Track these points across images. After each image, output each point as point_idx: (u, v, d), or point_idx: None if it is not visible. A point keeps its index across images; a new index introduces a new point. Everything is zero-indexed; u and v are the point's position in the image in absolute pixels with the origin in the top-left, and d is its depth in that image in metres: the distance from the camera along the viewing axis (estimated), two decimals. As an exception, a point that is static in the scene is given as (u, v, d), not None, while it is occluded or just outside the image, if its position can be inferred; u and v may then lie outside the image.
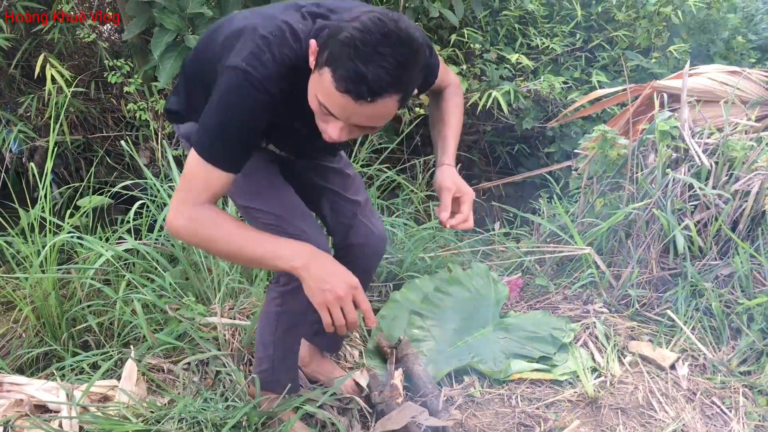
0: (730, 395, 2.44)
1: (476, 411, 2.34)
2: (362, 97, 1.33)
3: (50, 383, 2.21)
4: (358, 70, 1.30)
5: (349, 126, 1.44)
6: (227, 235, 1.53)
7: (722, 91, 3.33)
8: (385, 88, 1.33)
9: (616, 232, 3.11)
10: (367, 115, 1.38)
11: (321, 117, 1.47)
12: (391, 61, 1.31)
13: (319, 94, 1.40)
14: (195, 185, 1.56)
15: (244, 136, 1.54)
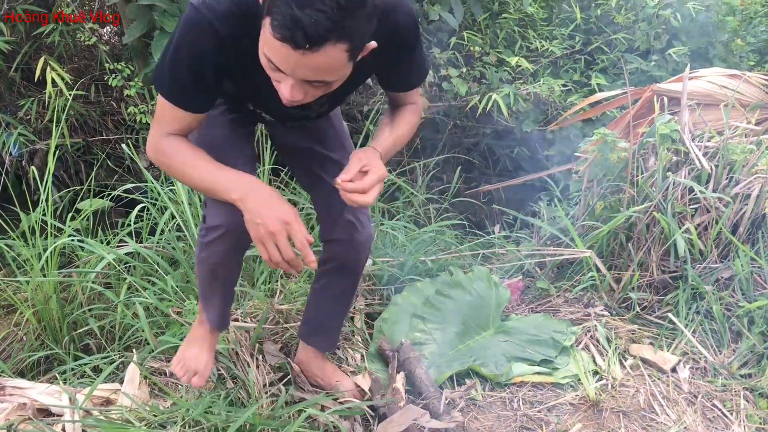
0: (731, 398, 2.44)
1: (478, 414, 2.34)
2: (300, 45, 1.24)
3: (53, 387, 2.22)
4: (294, 15, 1.21)
5: (299, 82, 1.36)
6: (181, 164, 1.58)
7: (722, 94, 3.34)
8: (324, 35, 1.23)
9: (617, 235, 3.11)
10: (311, 66, 1.29)
11: (272, 76, 1.39)
12: (330, 4, 1.21)
13: (264, 47, 1.33)
14: (161, 118, 1.59)
15: (195, 77, 1.50)
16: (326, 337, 2.32)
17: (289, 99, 1.39)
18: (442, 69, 4.68)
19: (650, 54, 5.04)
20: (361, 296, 2.85)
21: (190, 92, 1.54)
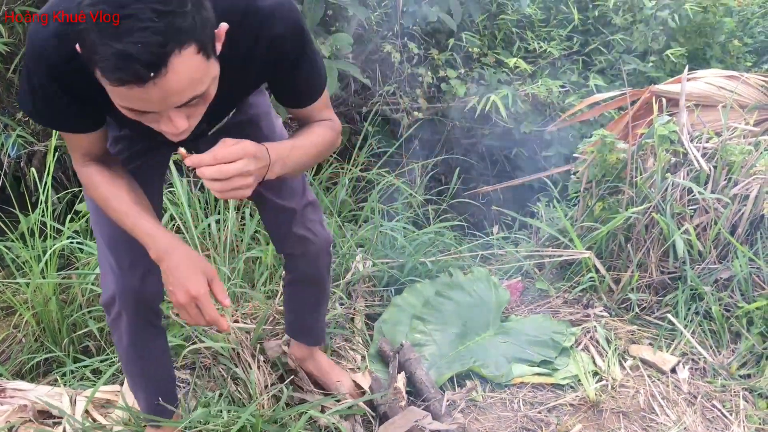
0: (730, 398, 2.45)
1: (479, 415, 2.35)
2: (145, 77, 1.05)
3: (54, 389, 2.22)
4: (117, 52, 1.02)
5: (175, 111, 1.17)
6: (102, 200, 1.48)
7: (720, 95, 3.34)
8: (161, 52, 1.04)
9: (616, 236, 3.12)
10: (173, 89, 1.10)
11: (145, 120, 1.20)
12: (145, 16, 1.01)
13: (117, 100, 1.14)
14: (66, 141, 1.47)
15: (54, 104, 1.33)
16: (311, 335, 2.31)
17: (177, 132, 1.21)
18: (441, 70, 4.68)
19: (648, 55, 5.05)
20: (361, 297, 2.86)
21: (59, 116, 1.37)
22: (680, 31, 5.00)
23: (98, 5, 1.02)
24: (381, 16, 5.05)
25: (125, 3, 1.01)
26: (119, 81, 1.06)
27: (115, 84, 1.07)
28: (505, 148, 5.32)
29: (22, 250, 2.88)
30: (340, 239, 3.17)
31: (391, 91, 4.65)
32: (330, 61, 3.82)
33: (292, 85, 1.52)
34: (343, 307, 2.77)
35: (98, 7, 1.02)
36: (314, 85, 1.55)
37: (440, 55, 4.73)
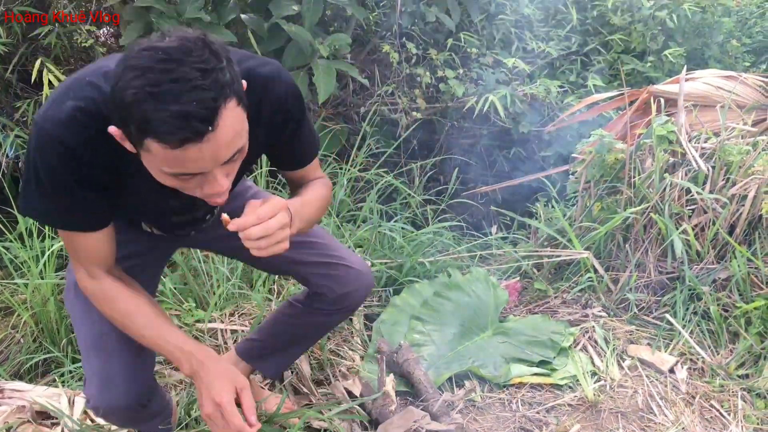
0: (728, 398, 2.45)
1: (477, 415, 2.35)
2: (201, 133, 1.10)
3: (52, 389, 2.22)
4: (175, 112, 1.07)
5: (221, 168, 1.21)
6: (121, 316, 1.47)
7: (719, 95, 3.35)
8: (214, 106, 1.10)
9: (614, 236, 3.12)
10: (223, 143, 1.15)
11: (186, 185, 1.23)
12: (193, 76, 1.08)
13: (166, 168, 1.16)
14: (71, 251, 1.45)
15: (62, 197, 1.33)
16: (277, 366, 2.12)
17: (221, 191, 1.24)
18: (439, 70, 4.69)
19: (646, 55, 5.05)
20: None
21: (68, 211, 1.37)
22: (678, 31, 5.01)
23: (146, 75, 1.07)
24: (379, 16, 5.06)
25: (170, 68, 1.07)
26: (181, 141, 1.09)
27: (176, 145, 1.10)
28: (504, 148, 5.33)
29: (21, 250, 2.87)
30: (339, 239, 3.17)
31: (389, 91, 4.65)
32: (328, 61, 3.83)
33: (297, 145, 1.58)
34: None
35: (146, 78, 1.07)
36: (313, 145, 1.64)
37: (439, 55, 4.73)
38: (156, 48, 1.09)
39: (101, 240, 1.43)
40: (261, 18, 3.93)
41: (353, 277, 1.87)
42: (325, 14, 4.59)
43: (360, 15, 4.16)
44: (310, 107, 4.50)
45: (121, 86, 1.09)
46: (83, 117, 1.24)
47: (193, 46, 1.10)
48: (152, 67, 1.07)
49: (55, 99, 1.27)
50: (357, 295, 1.91)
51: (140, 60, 1.08)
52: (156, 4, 3.56)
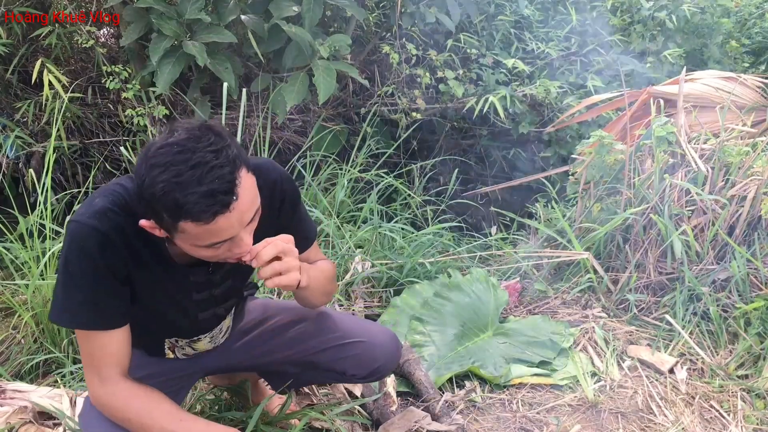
0: (728, 399, 2.46)
1: (478, 416, 2.35)
2: (228, 204, 1.26)
3: (54, 390, 2.22)
4: (203, 192, 1.23)
5: (245, 230, 1.35)
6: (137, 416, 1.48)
7: (718, 96, 3.36)
8: (233, 180, 1.26)
9: (614, 237, 3.13)
10: (244, 207, 1.31)
11: (221, 252, 1.36)
12: (208, 158, 1.24)
13: (200, 242, 1.31)
14: (90, 358, 1.49)
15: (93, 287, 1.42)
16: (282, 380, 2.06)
17: (248, 249, 1.38)
18: (439, 71, 4.70)
19: (645, 56, 5.06)
20: (359, 298, 2.86)
21: (96, 306, 1.44)
22: (678, 31, 5.02)
23: (169, 169, 1.23)
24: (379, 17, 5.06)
25: (187, 158, 1.23)
26: (213, 215, 1.25)
27: (209, 219, 1.25)
28: (503, 148, 5.34)
29: (21, 251, 2.88)
30: (339, 240, 3.17)
31: (389, 92, 4.66)
32: (328, 62, 3.83)
33: (298, 227, 1.68)
34: (342, 308, 2.77)
35: (169, 171, 1.23)
36: (311, 227, 1.78)
37: (438, 56, 4.74)
38: (170, 144, 1.25)
39: (119, 340, 1.50)
40: (261, 19, 3.93)
41: (378, 353, 1.86)
42: (325, 15, 4.60)
43: (360, 16, 4.16)
44: (309, 107, 4.51)
45: (149, 183, 1.25)
46: (113, 207, 1.40)
47: (200, 134, 1.27)
48: (172, 160, 1.23)
49: (86, 203, 1.43)
50: (386, 367, 1.91)
51: (159, 158, 1.24)
52: (156, 4, 3.56)
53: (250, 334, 1.92)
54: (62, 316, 1.46)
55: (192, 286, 1.58)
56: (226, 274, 1.62)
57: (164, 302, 1.58)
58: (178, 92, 4.13)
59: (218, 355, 1.88)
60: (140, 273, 1.48)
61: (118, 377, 1.50)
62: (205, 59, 3.56)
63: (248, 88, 3.87)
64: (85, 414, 1.62)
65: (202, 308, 1.63)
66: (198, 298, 1.60)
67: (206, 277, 1.58)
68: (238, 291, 1.72)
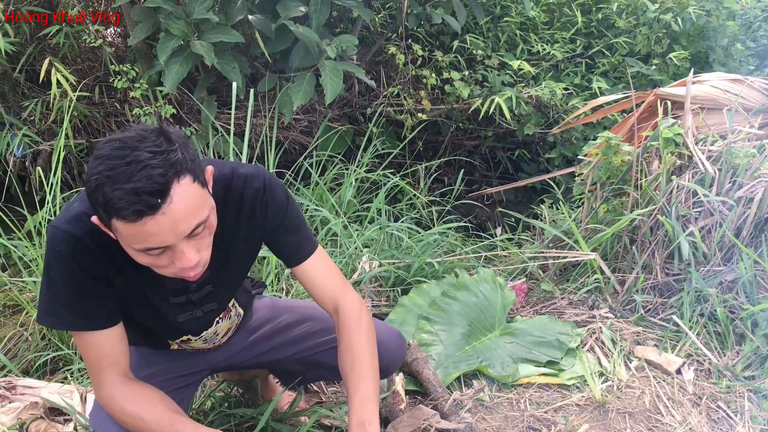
0: (735, 399, 2.46)
1: (486, 415, 2.36)
2: (155, 205, 1.20)
3: (64, 386, 2.23)
4: (128, 190, 1.18)
5: (186, 242, 1.29)
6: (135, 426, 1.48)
7: (725, 98, 3.36)
8: (163, 181, 1.21)
9: (621, 238, 3.14)
10: (180, 215, 1.24)
11: (159, 262, 1.32)
12: (144, 157, 1.20)
13: (134, 245, 1.27)
14: (89, 360, 1.50)
15: (76, 289, 1.42)
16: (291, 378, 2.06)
17: (191, 265, 1.32)
18: (445, 72, 4.71)
19: (651, 58, 5.07)
20: (367, 297, 2.87)
21: (79, 309, 1.44)
22: (683, 34, 5.03)
23: (105, 162, 1.20)
24: (385, 18, 5.08)
25: (125, 154, 1.20)
26: (136, 213, 1.20)
27: (133, 219, 1.20)
28: (508, 149, 5.35)
29: (29, 248, 2.89)
30: (347, 239, 3.18)
31: (395, 93, 4.67)
32: (335, 63, 3.84)
33: (282, 239, 1.63)
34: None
35: (105, 164, 1.20)
36: (305, 239, 1.66)
37: (444, 57, 4.75)
38: (116, 139, 1.23)
39: (111, 339, 1.50)
40: (268, 19, 3.94)
41: (382, 353, 1.77)
42: (332, 16, 4.61)
43: (366, 17, 4.18)
44: (316, 108, 4.52)
45: (88, 175, 1.23)
46: (89, 211, 1.35)
47: (148, 135, 1.24)
48: (110, 154, 1.21)
49: (65, 207, 1.43)
50: (390, 367, 1.89)
51: (102, 150, 1.22)
52: (164, 4, 3.57)
53: (256, 333, 1.93)
54: (48, 319, 1.46)
55: (168, 292, 1.56)
56: (205, 281, 1.59)
57: (142, 306, 1.57)
58: (185, 92, 4.14)
59: (224, 353, 1.88)
60: (118, 277, 1.47)
61: (116, 377, 1.50)
62: (212, 59, 3.57)
63: (255, 88, 3.88)
64: (94, 413, 1.63)
65: (179, 311, 1.62)
66: (175, 302, 1.59)
67: (183, 284, 1.54)
68: (221, 297, 1.70)
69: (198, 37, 3.68)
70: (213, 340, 1.79)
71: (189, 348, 1.80)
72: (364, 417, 1.51)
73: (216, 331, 1.76)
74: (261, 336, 1.92)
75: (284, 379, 2.06)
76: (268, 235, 1.62)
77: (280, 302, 2.03)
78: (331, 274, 1.70)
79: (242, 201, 1.53)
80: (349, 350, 1.61)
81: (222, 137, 3.80)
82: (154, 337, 1.74)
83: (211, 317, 1.71)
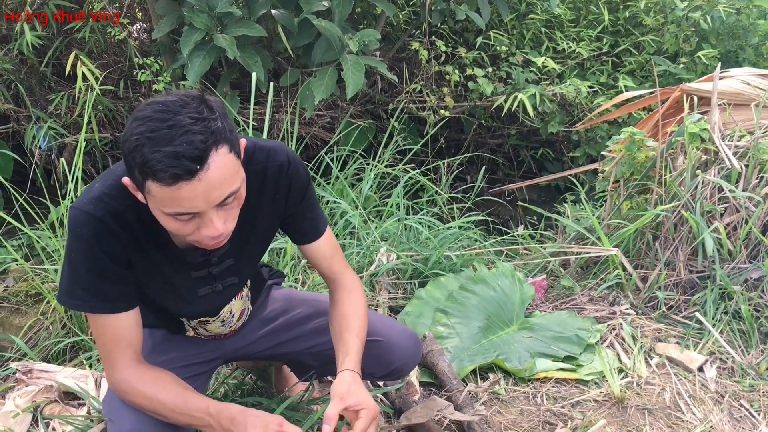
0: (758, 398, 2.40)
1: (501, 408, 2.32)
2: (193, 170, 1.22)
3: (79, 371, 2.24)
4: (168, 153, 1.20)
5: (215, 210, 1.31)
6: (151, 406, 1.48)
7: (754, 93, 3.29)
8: (203, 148, 1.23)
9: (644, 235, 3.09)
10: (214, 183, 1.26)
11: (185, 228, 1.33)
12: (186, 122, 1.22)
13: (165, 209, 1.28)
14: (103, 344, 1.50)
15: (98, 272, 1.43)
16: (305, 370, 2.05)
17: (220, 232, 1.33)
18: (468, 69, 4.68)
19: (679, 57, 5.00)
20: (384, 289, 2.85)
21: (99, 292, 1.45)
22: (712, 32, 4.95)
23: (146, 124, 1.22)
24: (409, 14, 5.06)
25: (167, 117, 1.22)
26: (173, 177, 1.21)
27: (170, 183, 1.22)
28: (531, 148, 5.31)
29: (51, 239, 2.91)
30: (365, 232, 3.17)
31: (417, 89, 4.65)
32: (357, 57, 3.83)
33: (303, 215, 1.67)
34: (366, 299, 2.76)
35: (146, 125, 1.22)
36: (321, 216, 1.73)
37: (468, 53, 4.72)
38: (157, 102, 1.25)
39: (127, 323, 1.50)
40: (291, 13, 3.95)
41: (395, 354, 1.83)
42: (355, 12, 4.61)
43: (389, 11, 4.16)
44: (338, 104, 4.52)
45: (127, 135, 1.24)
46: (110, 192, 1.39)
47: (190, 101, 1.26)
48: (152, 116, 1.23)
49: (87, 188, 1.43)
50: (404, 369, 1.89)
51: (143, 111, 1.24)
52: (188, -3, 3.59)
53: (271, 324, 1.92)
54: (69, 301, 1.47)
55: (190, 266, 1.57)
56: (225, 254, 1.60)
57: (162, 284, 1.58)
58: (208, 86, 4.16)
59: (238, 342, 1.88)
60: (138, 256, 1.48)
61: (129, 362, 1.50)
62: (235, 52, 3.59)
63: (277, 83, 3.88)
64: (107, 399, 1.63)
65: (200, 285, 1.62)
66: (197, 276, 1.59)
67: (204, 257, 1.56)
68: (241, 271, 1.71)
69: (221, 31, 3.70)
70: (229, 323, 1.80)
71: (204, 334, 1.80)
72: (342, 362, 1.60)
73: (231, 310, 1.77)
74: (275, 327, 1.91)
75: (298, 371, 2.05)
76: (290, 209, 1.63)
77: (297, 294, 2.02)
78: (337, 250, 1.77)
79: (265, 175, 1.53)
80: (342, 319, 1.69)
81: (243, 131, 3.81)
82: (171, 319, 1.75)
83: (231, 292, 1.72)
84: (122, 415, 1.54)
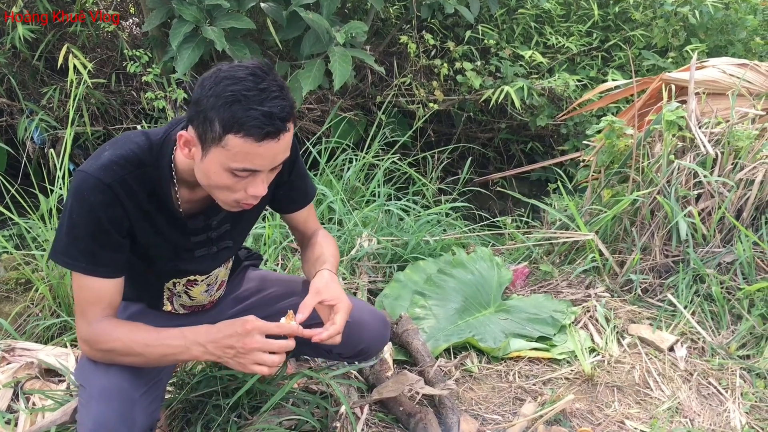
0: (727, 377, 2.45)
1: (473, 385, 2.37)
2: (278, 132, 1.37)
3: (60, 349, 2.30)
4: (264, 112, 1.34)
5: (267, 174, 1.46)
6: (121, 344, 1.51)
7: (731, 82, 3.34)
8: (288, 114, 1.38)
9: (621, 221, 3.13)
10: (283, 148, 1.41)
11: (237, 185, 1.44)
12: (274, 88, 1.37)
13: (234, 163, 1.39)
14: (81, 303, 1.54)
15: (95, 236, 1.48)
16: None
17: (262, 194, 1.46)
18: (457, 62, 4.72)
19: (668, 51, 5.03)
20: (364, 273, 2.90)
21: (95, 256, 1.49)
22: (701, 27, 4.99)
23: (241, 83, 1.35)
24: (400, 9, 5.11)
25: (258, 80, 1.36)
26: (265, 134, 1.35)
27: (258, 137, 1.35)
28: (521, 142, 5.35)
29: (42, 229, 2.96)
30: (347, 217, 3.22)
31: (407, 83, 4.70)
32: (345, 49, 3.89)
33: (294, 182, 1.80)
34: (346, 282, 2.81)
35: (241, 84, 1.35)
36: (311, 184, 1.89)
37: (457, 47, 4.77)
38: (243, 66, 1.38)
39: (112, 288, 1.56)
40: (280, 6, 4.00)
41: (364, 335, 1.90)
42: (346, 6, 4.67)
43: (377, 5, 4.21)
44: (328, 97, 4.57)
45: (216, 91, 1.35)
46: (119, 161, 1.47)
47: (269, 70, 1.40)
48: (244, 78, 1.36)
49: (95, 153, 1.50)
50: (372, 349, 1.96)
51: (232, 72, 1.37)
52: (176, -10, 3.65)
53: (245, 302, 1.99)
54: (61, 258, 1.51)
55: (190, 231, 1.65)
56: (224, 219, 1.70)
57: (163, 245, 1.65)
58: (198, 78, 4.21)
59: (212, 319, 1.90)
60: (142, 223, 1.55)
61: (104, 316, 1.55)
62: (223, 44, 3.64)
63: (266, 74, 3.92)
64: (79, 366, 1.67)
65: (198, 247, 1.70)
66: (196, 240, 1.68)
67: (204, 223, 1.66)
68: (236, 236, 1.80)
69: (210, 23, 3.75)
70: (211, 290, 1.87)
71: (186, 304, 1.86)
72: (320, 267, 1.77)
73: (217, 277, 1.85)
74: (248, 305, 1.98)
75: None
76: (284, 177, 1.74)
77: (271, 275, 2.09)
78: (313, 211, 1.95)
79: None
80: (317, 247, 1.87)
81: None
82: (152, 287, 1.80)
83: (224, 255, 1.80)
84: (93, 377, 1.57)
